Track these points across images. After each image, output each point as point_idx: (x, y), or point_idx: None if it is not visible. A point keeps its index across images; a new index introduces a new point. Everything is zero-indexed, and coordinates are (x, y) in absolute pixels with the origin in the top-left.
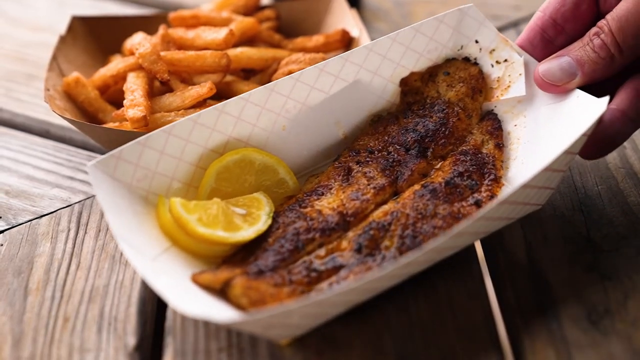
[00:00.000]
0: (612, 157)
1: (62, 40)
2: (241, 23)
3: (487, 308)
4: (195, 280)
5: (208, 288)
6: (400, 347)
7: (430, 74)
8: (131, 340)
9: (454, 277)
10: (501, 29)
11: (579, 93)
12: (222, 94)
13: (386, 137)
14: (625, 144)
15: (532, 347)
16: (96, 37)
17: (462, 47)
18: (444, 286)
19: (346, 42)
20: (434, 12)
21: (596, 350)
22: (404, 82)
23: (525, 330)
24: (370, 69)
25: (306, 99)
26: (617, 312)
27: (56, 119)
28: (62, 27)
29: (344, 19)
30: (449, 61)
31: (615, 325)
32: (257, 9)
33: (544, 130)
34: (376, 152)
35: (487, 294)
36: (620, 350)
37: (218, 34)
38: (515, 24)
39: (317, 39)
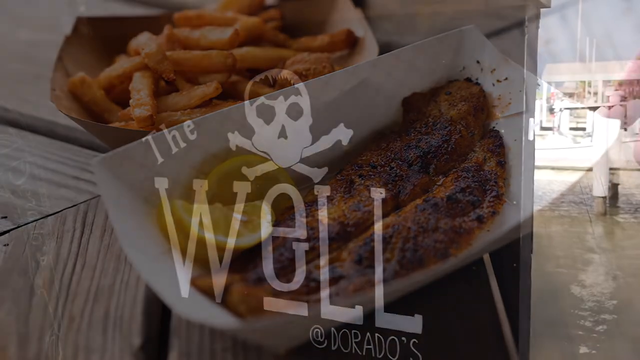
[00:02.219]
0: None
1: (68, 40)
2: (246, 23)
3: (492, 309)
4: (194, 284)
5: (206, 292)
6: (405, 349)
7: (432, 94)
8: (136, 340)
9: (459, 278)
10: (506, 29)
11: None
12: (227, 93)
13: (389, 153)
14: None
15: (538, 348)
16: (101, 37)
17: (463, 68)
18: (449, 287)
19: (351, 41)
20: (438, 12)
21: (602, 352)
22: (406, 102)
23: (532, 332)
24: (373, 85)
25: (309, 110)
26: (624, 313)
27: (62, 119)
28: (67, 27)
29: (349, 19)
30: (451, 82)
31: (622, 326)
32: (262, 8)
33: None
34: (379, 167)
35: (493, 296)
36: (627, 351)
37: (223, 34)
38: (519, 24)
39: (322, 39)
